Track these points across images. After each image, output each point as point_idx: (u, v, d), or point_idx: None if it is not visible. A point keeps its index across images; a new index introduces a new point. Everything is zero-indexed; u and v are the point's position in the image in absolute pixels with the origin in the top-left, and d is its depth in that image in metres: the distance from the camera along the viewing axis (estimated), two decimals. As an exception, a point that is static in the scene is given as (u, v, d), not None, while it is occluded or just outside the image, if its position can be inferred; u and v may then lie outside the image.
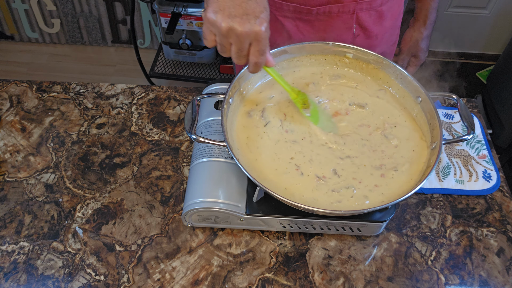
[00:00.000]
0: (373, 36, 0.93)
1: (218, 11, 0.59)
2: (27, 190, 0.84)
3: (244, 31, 0.59)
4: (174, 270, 0.74)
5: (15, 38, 2.44)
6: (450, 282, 0.75)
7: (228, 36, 0.60)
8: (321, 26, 0.89)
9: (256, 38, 0.61)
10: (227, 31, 0.60)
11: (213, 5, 0.60)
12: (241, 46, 0.61)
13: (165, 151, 0.90)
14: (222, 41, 0.62)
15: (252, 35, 0.60)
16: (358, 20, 0.89)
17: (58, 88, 1.01)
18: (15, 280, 0.73)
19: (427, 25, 1.01)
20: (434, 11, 1.00)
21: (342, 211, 0.66)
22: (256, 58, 0.63)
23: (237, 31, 0.59)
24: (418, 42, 1.03)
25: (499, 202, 0.85)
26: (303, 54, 0.83)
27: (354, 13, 0.87)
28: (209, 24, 0.61)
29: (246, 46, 0.62)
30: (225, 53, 0.64)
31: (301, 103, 0.76)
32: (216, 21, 0.59)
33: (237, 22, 0.59)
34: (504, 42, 2.35)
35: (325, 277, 0.74)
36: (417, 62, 1.08)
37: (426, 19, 1.00)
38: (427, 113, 0.76)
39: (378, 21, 0.91)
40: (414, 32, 1.03)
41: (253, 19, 0.59)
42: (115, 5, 2.25)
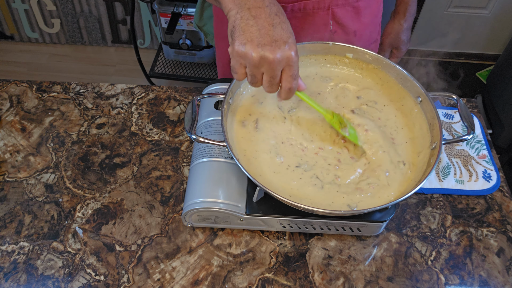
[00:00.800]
0: (351, 32, 0.93)
1: (246, 43, 0.59)
2: (27, 190, 0.84)
3: (276, 58, 0.59)
4: (174, 270, 0.74)
5: (15, 38, 2.44)
6: (450, 282, 0.75)
7: (260, 65, 0.60)
8: (298, 24, 0.89)
9: (288, 63, 0.60)
10: (259, 60, 0.59)
11: (240, 38, 0.59)
12: (273, 73, 0.61)
13: (165, 151, 0.90)
14: (253, 72, 0.61)
15: (284, 61, 0.60)
16: (334, 16, 0.89)
17: (58, 88, 1.01)
18: (15, 280, 0.73)
19: (407, 17, 1.03)
20: (413, 4, 1.01)
21: (342, 211, 0.66)
22: (290, 84, 0.62)
23: (269, 59, 0.59)
24: (398, 34, 1.05)
25: (499, 202, 0.85)
26: (303, 54, 0.83)
27: (329, 9, 0.87)
28: (238, 57, 0.60)
29: (279, 73, 0.61)
30: (257, 84, 0.63)
31: (338, 124, 0.74)
32: (246, 52, 0.59)
33: (268, 50, 0.58)
34: (504, 42, 2.35)
35: (325, 277, 0.74)
36: (398, 54, 1.10)
37: (406, 11, 1.02)
38: (427, 113, 0.76)
39: (355, 17, 0.91)
40: (394, 25, 1.05)
41: (282, 45, 0.59)
42: (115, 5, 2.25)
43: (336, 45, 0.82)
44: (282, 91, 0.64)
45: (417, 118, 0.78)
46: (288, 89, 0.63)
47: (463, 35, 2.35)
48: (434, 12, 2.24)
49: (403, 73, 0.79)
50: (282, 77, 0.62)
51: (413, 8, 1.02)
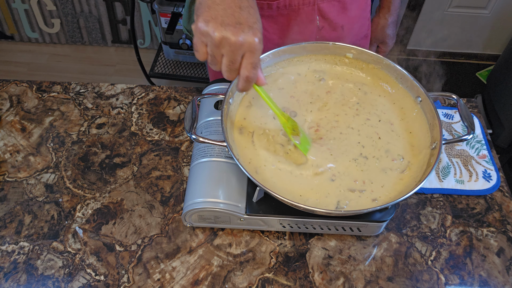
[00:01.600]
0: (338, 27, 0.93)
1: (210, 20, 0.57)
2: (27, 190, 0.84)
3: (238, 41, 0.56)
4: (174, 270, 0.74)
5: (15, 38, 2.44)
6: (450, 282, 0.75)
7: (220, 46, 0.57)
8: (284, 21, 0.89)
9: (249, 49, 0.58)
10: (220, 40, 0.57)
11: (204, 14, 0.57)
12: (233, 57, 0.58)
13: (165, 151, 0.90)
14: (214, 52, 0.59)
15: (245, 46, 0.57)
16: (320, 11, 0.89)
17: (58, 88, 1.01)
18: (15, 280, 0.73)
19: (392, 11, 1.02)
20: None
21: (342, 211, 0.66)
22: (248, 72, 0.60)
23: (230, 40, 0.56)
24: (384, 28, 1.05)
25: (499, 202, 0.85)
26: (303, 54, 0.83)
27: (315, 4, 0.87)
28: (200, 34, 0.58)
29: (239, 58, 0.58)
30: (216, 66, 0.60)
31: (291, 129, 0.72)
32: (208, 30, 0.57)
33: (230, 31, 0.56)
34: (504, 42, 2.35)
35: (325, 277, 0.74)
36: (385, 48, 1.10)
37: (390, 5, 1.02)
38: (427, 113, 0.76)
39: (342, 11, 0.91)
40: (379, 19, 1.05)
41: (247, 29, 0.57)
42: (115, 5, 2.25)
43: (336, 45, 0.82)
44: (240, 79, 0.61)
45: (417, 118, 0.78)
46: (246, 78, 0.60)
47: (463, 35, 2.35)
48: (434, 12, 2.24)
49: (403, 73, 0.79)
50: (241, 64, 0.59)
51: (397, 2, 1.02)
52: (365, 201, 0.69)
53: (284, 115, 0.72)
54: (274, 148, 0.73)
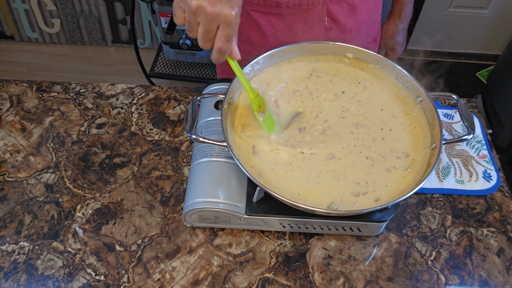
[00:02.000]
0: (347, 29, 0.93)
1: None
2: (27, 190, 0.84)
3: (214, 11, 0.57)
4: (174, 270, 0.74)
5: (15, 38, 2.44)
6: (450, 282, 0.75)
7: (197, 14, 0.58)
8: (293, 20, 0.89)
9: (225, 21, 0.58)
10: (196, 8, 0.57)
11: None
12: (208, 27, 0.59)
13: (165, 151, 0.90)
14: (190, 19, 0.59)
15: (221, 17, 0.58)
16: (329, 12, 0.89)
17: (58, 88, 1.01)
18: (15, 280, 0.73)
19: (402, 18, 1.02)
20: (409, 5, 1.01)
21: (342, 211, 0.66)
22: (221, 44, 0.60)
23: (206, 10, 0.57)
24: (394, 35, 1.05)
25: (499, 202, 0.85)
26: (304, 54, 0.83)
27: (324, 5, 0.87)
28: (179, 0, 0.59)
29: (214, 28, 0.59)
30: (192, 33, 0.61)
31: (258, 106, 0.73)
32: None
33: (208, 1, 0.57)
34: (504, 42, 2.35)
35: (325, 277, 0.74)
36: (393, 55, 1.10)
37: (401, 12, 1.01)
38: (427, 113, 0.76)
39: (351, 14, 0.91)
40: (390, 25, 1.05)
41: (224, 1, 0.57)
42: (115, 5, 2.25)
43: (336, 45, 0.82)
44: (214, 49, 0.62)
45: (417, 118, 0.78)
46: (219, 49, 0.61)
47: (463, 35, 2.35)
48: (434, 12, 2.24)
49: (403, 73, 0.79)
50: (216, 35, 0.60)
51: (408, 9, 1.01)
52: (368, 201, 0.69)
53: (253, 91, 0.72)
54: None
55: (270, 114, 0.74)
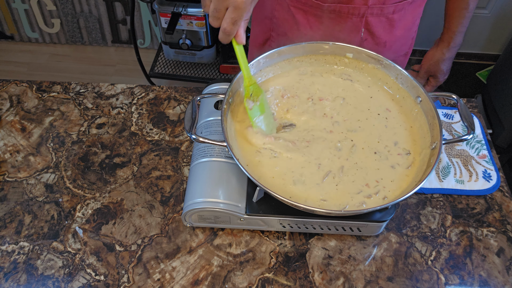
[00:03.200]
0: (381, 43, 0.93)
1: None
2: (27, 190, 0.84)
3: None
4: (174, 270, 0.74)
5: (15, 38, 2.44)
6: (450, 282, 0.75)
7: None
8: (330, 24, 0.89)
9: (234, 4, 0.60)
10: None
11: None
12: (218, 6, 0.61)
13: (165, 151, 0.90)
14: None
15: (231, 0, 0.60)
16: (367, 24, 0.89)
17: (58, 88, 1.01)
18: (15, 280, 0.73)
19: (451, 48, 0.99)
20: (460, 35, 0.98)
21: (342, 211, 0.66)
22: (227, 25, 0.63)
23: None
24: (438, 62, 1.02)
25: (499, 202, 0.85)
26: (303, 54, 0.83)
27: (363, 16, 0.87)
28: None
29: (223, 8, 0.61)
30: (205, 8, 0.64)
31: (249, 93, 0.73)
32: None
33: None
34: (504, 42, 2.35)
35: (325, 277, 0.74)
36: (435, 82, 1.06)
37: (451, 40, 0.98)
38: (427, 113, 0.76)
39: (388, 28, 0.91)
40: (436, 52, 1.01)
41: None
42: (115, 5, 2.25)
43: (336, 45, 0.82)
44: (220, 29, 0.64)
45: (417, 118, 0.78)
46: (224, 30, 0.63)
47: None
48: (434, 12, 2.24)
49: (403, 73, 0.79)
50: (224, 15, 0.62)
51: (459, 39, 0.98)
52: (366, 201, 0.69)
53: (250, 78, 0.73)
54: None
55: (263, 105, 0.74)
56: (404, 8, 0.88)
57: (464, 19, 0.96)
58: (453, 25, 0.96)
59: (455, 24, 0.96)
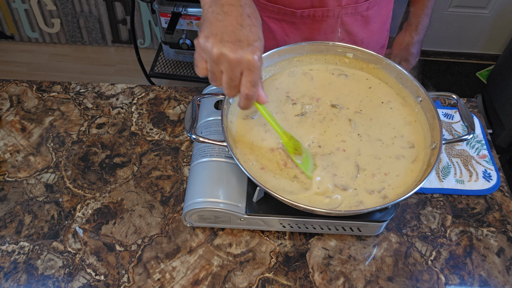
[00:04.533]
0: (358, 40, 0.93)
1: (210, 36, 0.57)
2: (27, 190, 0.84)
3: (236, 58, 0.56)
4: (174, 270, 0.74)
5: (15, 38, 2.44)
6: (450, 282, 0.75)
7: (219, 62, 0.57)
8: (306, 29, 0.89)
9: (248, 67, 0.57)
10: (218, 57, 0.57)
11: (205, 31, 0.58)
12: (232, 74, 0.58)
13: (165, 151, 0.90)
14: (213, 68, 0.59)
15: (244, 64, 0.57)
16: (343, 24, 0.89)
17: (58, 88, 1.01)
18: (15, 280, 0.73)
19: (419, 30, 1.01)
20: (426, 17, 1.00)
21: (342, 211, 0.66)
22: (248, 90, 0.59)
23: (228, 57, 0.56)
24: (408, 46, 1.04)
25: (499, 202, 0.85)
26: (303, 54, 0.83)
27: (339, 17, 0.87)
28: (200, 49, 0.58)
29: (238, 75, 0.58)
30: (216, 82, 0.60)
31: (293, 149, 0.70)
32: (207, 46, 0.57)
33: (229, 47, 0.56)
34: (504, 42, 2.35)
35: (325, 277, 0.74)
36: (407, 66, 1.09)
37: (418, 24, 1.00)
38: (427, 113, 0.76)
39: (364, 25, 0.91)
40: (405, 36, 1.04)
41: (246, 46, 0.56)
42: (115, 5, 2.25)
43: (336, 45, 0.82)
44: (240, 97, 0.60)
45: (417, 118, 0.78)
46: (246, 95, 0.59)
47: (463, 35, 2.35)
48: (434, 12, 2.24)
49: (403, 73, 0.79)
50: (241, 82, 0.59)
51: (425, 21, 1.00)
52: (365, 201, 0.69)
53: (286, 134, 0.71)
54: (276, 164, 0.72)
55: (307, 155, 0.71)
56: (377, 3, 0.89)
57: (429, 1, 0.98)
58: (419, 9, 0.99)
59: (420, 7, 0.99)
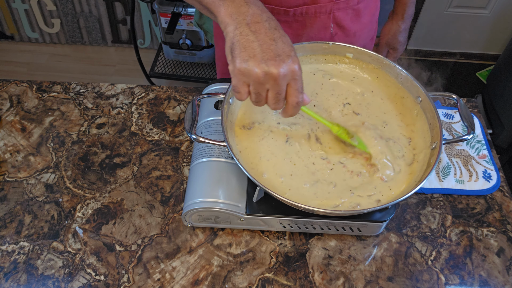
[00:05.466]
0: (351, 34, 0.94)
1: (249, 59, 0.57)
2: (27, 190, 0.84)
3: (281, 73, 0.57)
4: (174, 270, 0.74)
5: (15, 38, 2.44)
6: (450, 282, 0.75)
7: (265, 82, 0.58)
8: (299, 27, 0.90)
9: (293, 77, 0.58)
10: (263, 77, 0.57)
11: (242, 55, 0.57)
12: (279, 89, 0.59)
13: (165, 151, 0.90)
14: (258, 89, 0.59)
15: (289, 75, 0.58)
16: (335, 19, 0.89)
17: (58, 88, 1.01)
18: (15, 280, 0.73)
19: (405, 19, 1.03)
20: (412, 5, 1.02)
21: (342, 211, 0.66)
22: (297, 98, 0.60)
23: (274, 74, 0.57)
24: (396, 35, 1.06)
25: (499, 202, 0.85)
26: (303, 54, 0.83)
27: (331, 13, 0.88)
28: (241, 75, 0.58)
29: (284, 88, 0.59)
30: (261, 102, 0.61)
31: (346, 134, 0.74)
32: (250, 69, 0.57)
33: (272, 65, 0.56)
34: (504, 42, 2.35)
35: (325, 277, 0.74)
36: (395, 54, 1.11)
37: (404, 12, 1.02)
38: (427, 113, 0.76)
39: (355, 19, 0.92)
40: (392, 25, 1.06)
41: (286, 59, 0.57)
42: (115, 5, 2.25)
43: (336, 45, 0.82)
44: (289, 106, 0.62)
45: (417, 118, 0.78)
46: (296, 104, 0.61)
47: (463, 35, 2.35)
48: (434, 12, 2.24)
49: (403, 73, 0.79)
50: (287, 92, 0.60)
51: (411, 9, 1.03)
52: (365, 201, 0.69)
53: (334, 124, 0.74)
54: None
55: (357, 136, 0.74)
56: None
57: None
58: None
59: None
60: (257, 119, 0.77)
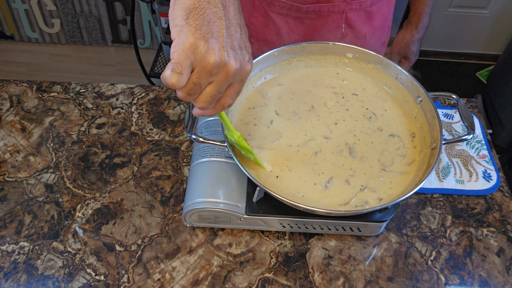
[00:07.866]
0: (361, 36, 0.94)
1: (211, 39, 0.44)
2: (27, 190, 0.84)
3: (237, 69, 0.46)
4: (174, 270, 0.74)
5: (15, 38, 2.44)
6: (450, 282, 0.75)
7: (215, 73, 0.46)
8: (311, 24, 0.90)
9: (242, 77, 0.49)
10: (218, 66, 0.45)
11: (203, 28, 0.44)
12: (223, 86, 0.48)
13: (165, 151, 0.90)
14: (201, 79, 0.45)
15: (241, 75, 0.48)
16: (347, 20, 0.90)
17: (58, 88, 1.01)
18: (15, 280, 0.73)
19: (419, 29, 1.04)
20: (427, 16, 1.02)
21: (342, 211, 0.66)
22: (232, 100, 0.51)
23: (229, 68, 0.46)
24: (409, 44, 1.06)
25: (499, 202, 0.85)
26: (303, 54, 0.83)
27: (343, 13, 0.88)
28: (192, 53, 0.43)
29: (226, 87, 0.49)
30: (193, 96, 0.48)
31: (246, 145, 0.67)
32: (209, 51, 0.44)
33: (233, 56, 0.46)
34: (504, 42, 2.35)
35: (325, 277, 0.74)
36: (407, 64, 1.11)
37: (419, 22, 1.03)
38: (427, 113, 0.76)
39: (367, 21, 0.92)
40: (406, 35, 1.06)
41: (246, 55, 0.48)
42: (115, 5, 2.25)
43: (336, 45, 0.82)
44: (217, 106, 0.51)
45: (417, 118, 0.78)
46: (226, 106, 0.51)
47: (463, 35, 2.36)
48: (434, 12, 2.24)
49: (403, 73, 0.79)
50: (225, 92, 0.50)
51: (426, 20, 1.03)
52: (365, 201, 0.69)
53: (234, 133, 0.65)
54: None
55: (251, 151, 0.68)
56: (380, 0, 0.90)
57: (430, 0, 1.01)
58: (419, 8, 1.01)
59: (421, 6, 1.01)
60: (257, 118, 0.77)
